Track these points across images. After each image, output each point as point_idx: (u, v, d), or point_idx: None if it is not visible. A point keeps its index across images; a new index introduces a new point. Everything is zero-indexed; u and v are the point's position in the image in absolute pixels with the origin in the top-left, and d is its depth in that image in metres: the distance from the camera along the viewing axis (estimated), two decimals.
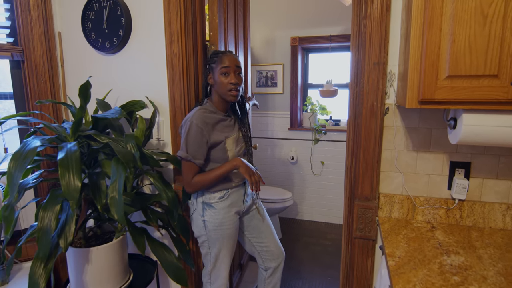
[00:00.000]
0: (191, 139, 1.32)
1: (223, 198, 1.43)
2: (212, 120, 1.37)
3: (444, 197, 1.35)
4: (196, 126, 1.31)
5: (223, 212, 1.42)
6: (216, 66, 1.36)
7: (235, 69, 1.36)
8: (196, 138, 1.32)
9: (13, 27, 1.75)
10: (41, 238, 1.22)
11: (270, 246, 1.62)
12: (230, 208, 1.44)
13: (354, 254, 1.45)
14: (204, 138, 1.33)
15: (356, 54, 1.33)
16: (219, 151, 1.38)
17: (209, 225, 1.42)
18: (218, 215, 1.41)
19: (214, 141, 1.37)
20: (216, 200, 1.42)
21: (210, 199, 1.42)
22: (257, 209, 1.61)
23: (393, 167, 1.39)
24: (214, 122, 1.38)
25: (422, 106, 1.04)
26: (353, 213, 1.42)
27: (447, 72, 0.98)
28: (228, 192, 1.44)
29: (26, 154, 1.21)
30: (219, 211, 1.41)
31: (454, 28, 0.94)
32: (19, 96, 1.84)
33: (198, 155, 1.34)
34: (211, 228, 1.42)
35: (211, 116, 1.38)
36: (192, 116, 1.35)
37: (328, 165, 3.34)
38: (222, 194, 1.43)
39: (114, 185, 1.27)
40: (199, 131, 1.32)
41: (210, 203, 1.42)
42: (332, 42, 3.10)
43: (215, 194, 1.42)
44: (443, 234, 1.24)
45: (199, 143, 1.32)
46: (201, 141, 1.32)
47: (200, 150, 1.33)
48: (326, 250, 2.85)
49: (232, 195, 1.45)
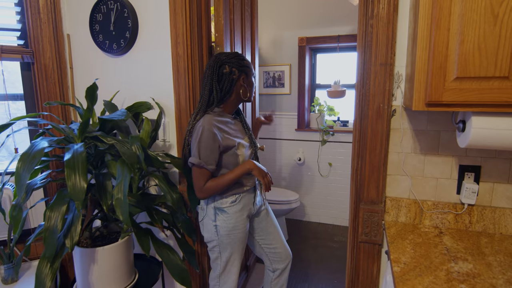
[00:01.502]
0: (203, 145, 1.30)
1: (235, 202, 1.42)
2: (222, 124, 1.37)
3: (453, 202, 1.32)
4: (208, 131, 1.30)
5: (235, 216, 1.41)
6: (249, 70, 1.43)
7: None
8: (208, 143, 1.30)
9: (23, 30, 1.79)
10: (47, 238, 1.24)
11: (278, 247, 1.62)
12: (242, 212, 1.44)
13: (360, 259, 1.43)
14: (216, 143, 1.31)
15: (363, 54, 1.30)
16: (231, 156, 1.37)
17: (221, 230, 1.41)
18: (231, 220, 1.41)
19: (227, 145, 1.35)
20: (229, 205, 1.41)
21: (222, 204, 1.41)
22: (266, 210, 1.62)
23: (400, 170, 1.36)
24: (225, 126, 1.38)
25: (429, 108, 1.01)
26: (358, 217, 1.40)
27: (455, 73, 0.95)
28: (240, 196, 1.43)
29: (33, 155, 1.23)
30: (231, 215, 1.40)
31: (463, 28, 0.91)
32: (29, 98, 1.88)
33: (210, 160, 1.32)
34: (223, 233, 1.41)
35: (221, 120, 1.37)
36: (202, 121, 1.33)
37: (336, 167, 3.30)
38: (234, 198, 1.42)
39: (119, 187, 1.28)
40: (211, 136, 1.30)
41: (222, 207, 1.41)
42: (340, 42, 3.07)
43: (227, 199, 1.41)
44: (451, 240, 1.21)
45: (211, 148, 1.31)
46: (213, 146, 1.31)
47: (212, 155, 1.32)
48: (333, 253, 2.82)
49: (244, 198, 1.45)
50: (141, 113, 1.72)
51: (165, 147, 1.76)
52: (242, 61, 1.40)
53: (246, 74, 1.41)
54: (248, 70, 1.42)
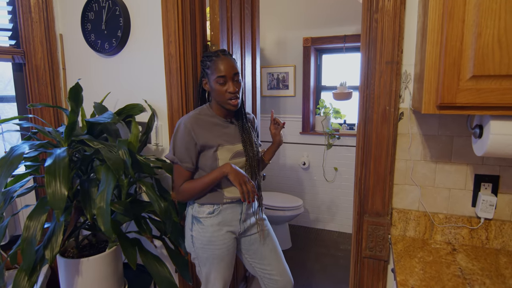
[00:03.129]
0: (178, 141, 1.23)
1: (213, 214, 1.28)
2: (206, 122, 1.26)
3: (468, 215, 1.19)
4: (184, 127, 1.22)
5: (211, 229, 1.27)
6: (212, 73, 1.22)
7: (233, 76, 1.22)
8: (183, 139, 1.22)
9: (15, 30, 1.73)
10: (25, 249, 1.16)
11: (274, 274, 1.39)
12: (221, 227, 1.29)
13: (364, 275, 1.30)
14: (192, 140, 1.22)
15: (366, 52, 1.19)
16: (209, 158, 1.24)
17: (196, 242, 1.29)
18: (206, 233, 1.27)
19: (204, 144, 1.23)
20: (205, 216, 1.29)
21: (199, 213, 1.29)
22: (260, 233, 1.39)
23: (408, 180, 1.24)
24: (209, 125, 1.27)
25: (441, 111, 0.89)
26: (362, 230, 1.28)
27: (471, 71, 0.83)
28: (219, 208, 1.29)
29: (12, 160, 1.16)
30: (206, 227, 1.28)
31: (480, 19, 0.79)
32: (21, 99, 1.82)
33: (185, 158, 1.23)
34: (198, 245, 1.29)
35: (205, 119, 1.27)
36: (183, 117, 1.26)
37: (341, 172, 3.17)
38: (211, 209, 1.28)
39: (102, 195, 1.19)
40: (186, 132, 1.21)
41: (199, 217, 1.29)
42: (346, 42, 2.95)
43: (203, 208, 1.29)
44: (466, 259, 1.08)
45: (185, 144, 1.22)
46: (188, 142, 1.21)
47: (187, 153, 1.22)
48: (338, 262, 2.68)
49: (224, 212, 1.29)
50: (134, 116, 1.64)
51: (158, 151, 1.67)
52: (204, 60, 1.26)
53: (207, 76, 1.25)
54: (209, 72, 1.23)
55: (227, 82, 1.21)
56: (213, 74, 1.21)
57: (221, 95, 1.22)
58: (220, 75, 1.19)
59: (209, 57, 1.24)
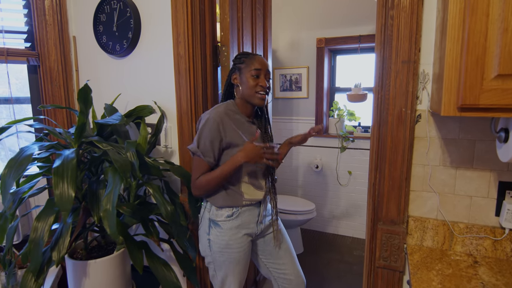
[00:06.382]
0: (205, 134, 1.20)
1: (232, 217, 1.26)
2: (233, 120, 1.24)
3: (491, 225, 1.10)
4: (213, 121, 1.19)
5: (230, 233, 1.25)
6: (246, 66, 1.26)
7: (266, 73, 1.26)
8: (211, 132, 1.19)
9: (30, 32, 1.76)
10: (32, 250, 1.16)
11: (289, 274, 1.40)
12: (239, 230, 1.27)
13: (377, 286, 1.24)
14: (220, 135, 1.20)
15: (381, 51, 1.13)
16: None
17: (214, 245, 1.26)
18: (224, 236, 1.25)
19: (230, 141, 1.22)
20: (224, 219, 1.26)
21: (217, 217, 1.27)
22: (275, 233, 1.39)
23: (425, 186, 1.17)
24: (236, 122, 1.25)
25: (462, 113, 0.82)
26: (376, 238, 1.22)
27: (496, 70, 0.76)
28: (238, 211, 1.27)
29: (21, 161, 1.16)
30: (225, 231, 1.25)
31: (507, 13, 0.73)
32: (35, 101, 1.85)
33: (208, 152, 1.20)
34: (216, 249, 1.27)
35: (232, 116, 1.25)
36: (211, 111, 1.23)
37: (356, 175, 3.08)
38: (230, 213, 1.26)
39: (108, 197, 1.18)
40: (215, 127, 1.19)
41: (217, 221, 1.27)
42: (361, 43, 2.86)
43: (222, 212, 1.26)
44: (489, 273, 1.00)
45: (212, 138, 1.19)
46: (215, 137, 1.19)
47: (212, 147, 1.20)
48: (351, 269, 2.60)
49: (243, 215, 1.28)
50: (144, 117, 1.64)
51: (167, 153, 1.66)
52: (240, 57, 1.28)
53: (239, 71, 1.28)
54: (244, 66, 1.26)
55: (260, 76, 1.25)
56: (248, 66, 1.25)
57: (252, 88, 1.24)
58: (256, 67, 1.24)
59: (247, 54, 1.28)
